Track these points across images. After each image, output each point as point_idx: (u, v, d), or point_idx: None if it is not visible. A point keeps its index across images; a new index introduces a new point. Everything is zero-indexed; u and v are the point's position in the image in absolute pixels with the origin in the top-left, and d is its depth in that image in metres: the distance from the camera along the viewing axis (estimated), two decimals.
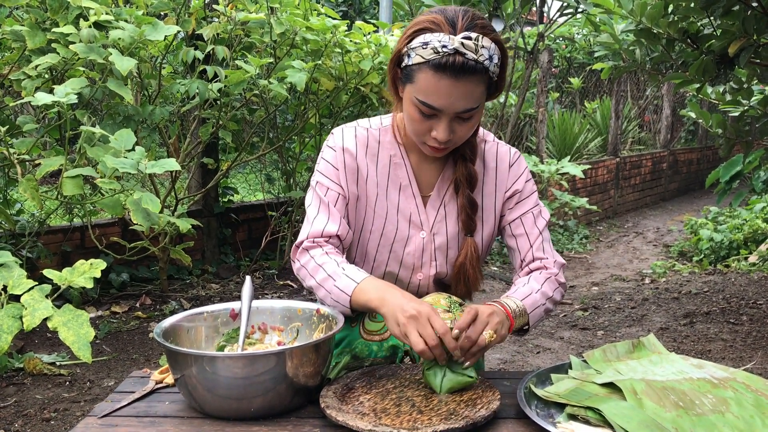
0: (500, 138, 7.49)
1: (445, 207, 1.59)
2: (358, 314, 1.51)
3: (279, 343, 1.47)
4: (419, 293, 1.65)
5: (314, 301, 1.57)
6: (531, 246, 1.59)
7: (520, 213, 1.60)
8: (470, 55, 1.32)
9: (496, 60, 1.37)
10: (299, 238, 1.54)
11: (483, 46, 1.34)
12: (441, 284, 1.65)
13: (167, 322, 1.38)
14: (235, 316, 1.48)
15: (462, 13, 1.37)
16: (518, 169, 1.61)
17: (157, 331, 1.34)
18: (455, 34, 1.34)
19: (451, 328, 1.30)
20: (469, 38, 1.33)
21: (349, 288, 1.41)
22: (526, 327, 1.51)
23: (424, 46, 1.35)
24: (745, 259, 5.37)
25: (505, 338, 1.42)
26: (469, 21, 1.36)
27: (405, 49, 1.40)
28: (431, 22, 1.36)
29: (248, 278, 1.48)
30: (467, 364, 1.32)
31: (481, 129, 1.62)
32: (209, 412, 1.26)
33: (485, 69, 1.35)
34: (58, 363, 3.01)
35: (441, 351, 1.28)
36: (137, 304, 3.82)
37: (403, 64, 1.41)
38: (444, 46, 1.32)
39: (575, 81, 9.27)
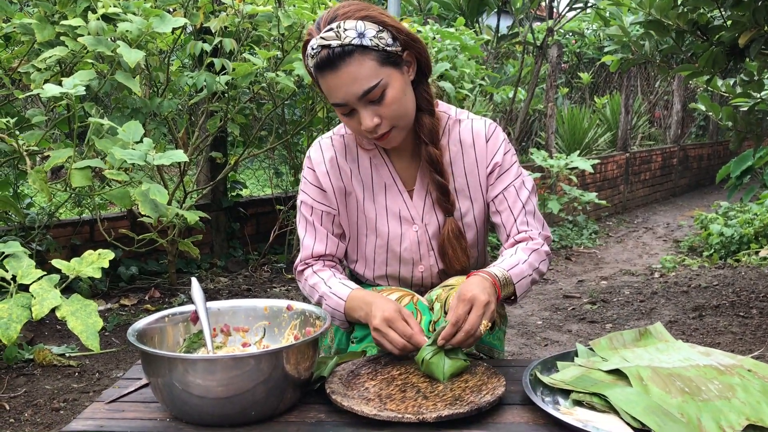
0: (509, 134, 7.40)
1: (431, 195, 1.60)
2: None
3: (244, 344, 1.43)
4: (423, 285, 1.66)
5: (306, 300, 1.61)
6: (515, 220, 1.59)
7: (502, 188, 1.60)
8: (334, 42, 1.36)
9: (372, 33, 1.38)
10: (296, 262, 1.65)
11: (346, 29, 1.37)
12: (446, 273, 1.65)
13: (138, 326, 1.32)
14: (195, 319, 1.41)
15: (327, 12, 1.42)
16: (496, 142, 1.61)
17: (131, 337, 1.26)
18: (320, 33, 1.39)
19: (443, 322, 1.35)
20: (330, 29, 1.37)
21: (340, 307, 1.52)
22: (513, 297, 1.51)
23: (305, 58, 1.43)
24: (756, 253, 5.33)
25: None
26: (331, 15, 1.40)
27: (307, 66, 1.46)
28: (308, 33, 1.43)
29: (194, 279, 1.44)
30: (465, 349, 1.34)
31: (453, 109, 1.63)
32: (206, 423, 1.19)
33: (358, 47, 1.37)
34: (67, 354, 3.02)
35: (411, 347, 1.35)
36: (146, 297, 3.83)
37: None
38: (313, 49, 1.38)
39: (585, 76, 9.22)
